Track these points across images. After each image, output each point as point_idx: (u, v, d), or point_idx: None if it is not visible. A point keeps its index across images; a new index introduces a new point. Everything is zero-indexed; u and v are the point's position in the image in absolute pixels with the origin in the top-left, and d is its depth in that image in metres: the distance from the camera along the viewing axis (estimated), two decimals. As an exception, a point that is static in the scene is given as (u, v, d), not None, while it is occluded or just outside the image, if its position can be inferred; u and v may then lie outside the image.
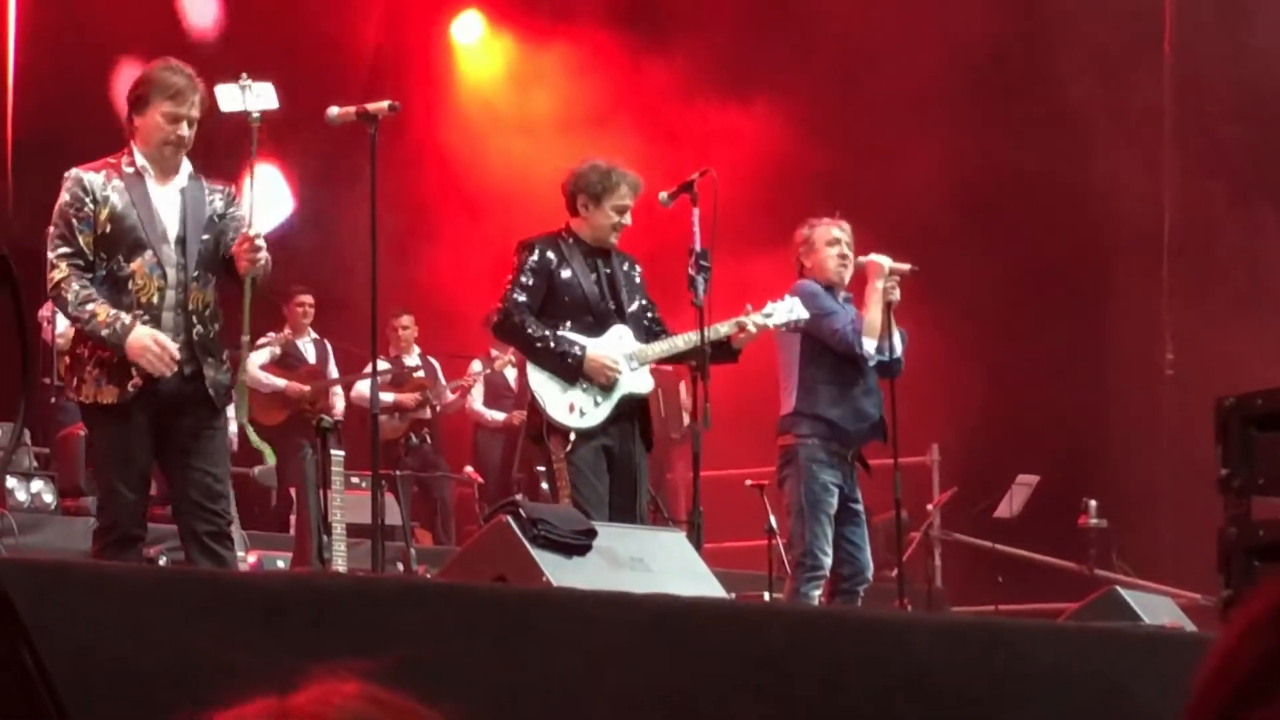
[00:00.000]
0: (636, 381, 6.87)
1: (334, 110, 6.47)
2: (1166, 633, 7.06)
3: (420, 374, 12.16)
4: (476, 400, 12.35)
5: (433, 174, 14.31)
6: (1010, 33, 12.99)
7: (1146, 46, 12.97)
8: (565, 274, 6.85)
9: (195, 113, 5.83)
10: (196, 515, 5.74)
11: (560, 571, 5.63)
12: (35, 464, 8.90)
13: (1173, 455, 11.81)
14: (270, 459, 7.90)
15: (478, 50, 15.10)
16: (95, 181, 5.79)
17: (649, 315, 7.06)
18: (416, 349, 12.37)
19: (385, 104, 6.46)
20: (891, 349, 7.66)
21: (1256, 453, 4.88)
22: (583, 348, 6.77)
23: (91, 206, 5.75)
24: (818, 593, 7.51)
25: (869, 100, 12.88)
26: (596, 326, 6.86)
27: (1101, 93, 12.65)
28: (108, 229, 5.76)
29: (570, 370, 6.74)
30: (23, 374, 5.50)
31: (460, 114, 14.84)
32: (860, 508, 7.69)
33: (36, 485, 8.64)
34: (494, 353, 12.01)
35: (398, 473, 9.98)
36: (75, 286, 5.68)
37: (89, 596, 2.95)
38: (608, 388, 6.78)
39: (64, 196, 5.79)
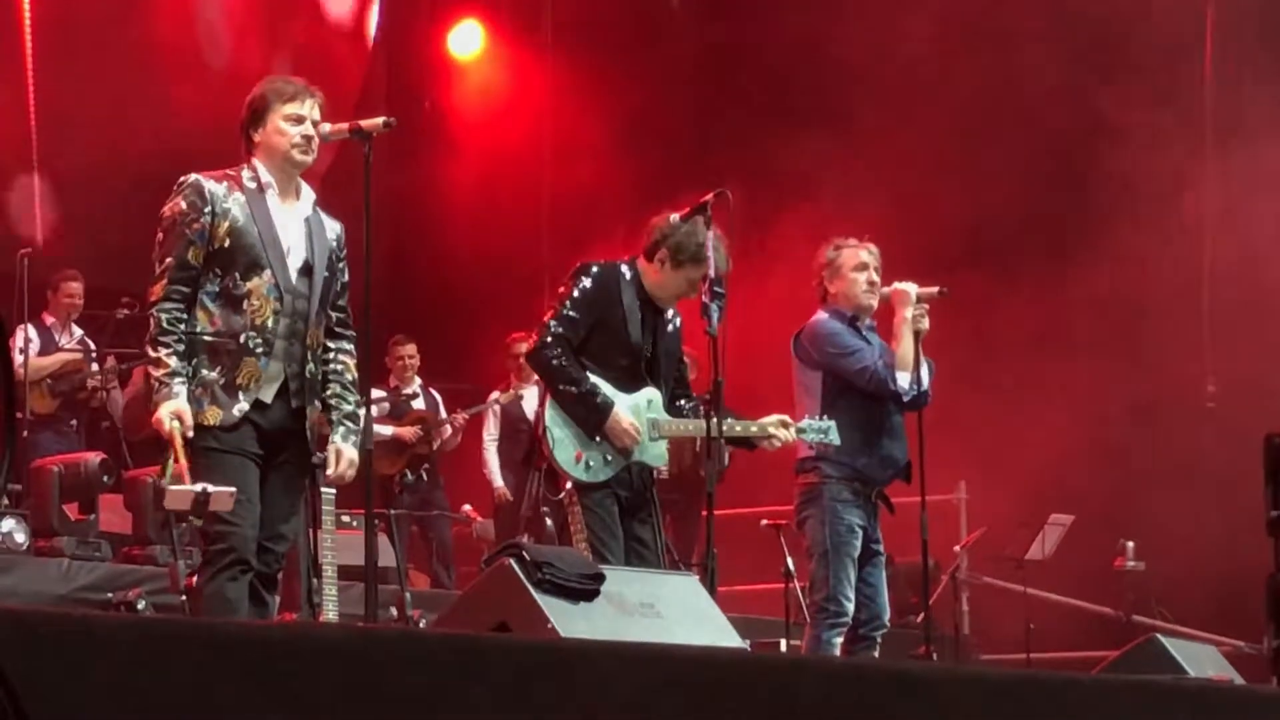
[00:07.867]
0: (651, 453, 6.68)
1: (326, 127, 6.12)
2: (1216, 686, 6.88)
3: (419, 404, 11.77)
4: (490, 448, 11.91)
5: (433, 191, 14.13)
6: (1050, 56, 12.73)
7: (1186, 59, 12.75)
8: (616, 312, 6.63)
9: (316, 115, 5.72)
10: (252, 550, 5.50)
11: (566, 618, 5.46)
12: (6, 502, 8.62)
13: (1215, 493, 11.59)
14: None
15: (476, 63, 14.84)
16: (217, 191, 5.59)
17: (676, 375, 6.86)
18: (418, 380, 11.94)
19: (380, 120, 6.12)
20: (919, 381, 7.37)
21: (1311, 493, 4.75)
22: (610, 405, 6.56)
23: (209, 218, 5.53)
24: (840, 640, 7.30)
25: (899, 140, 12.71)
26: (629, 375, 6.63)
27: (1140, 114, 12.37)
28: (226, 243, 5.54)
29: (592, 426, 6.55)
30: (5, 412, 5.14)
31: (460, 130, 14.60)
32: (880, 549, 7.46)
33: (7, 524, 8.36)
34: (515, 384, 11.59)
35: (392, 511, 9.62)
36: (165, 318, 5.46)
37: (71, 647, 2.84)
38: (622, 451, 6.58)
39: (179, 204, 5.56)
